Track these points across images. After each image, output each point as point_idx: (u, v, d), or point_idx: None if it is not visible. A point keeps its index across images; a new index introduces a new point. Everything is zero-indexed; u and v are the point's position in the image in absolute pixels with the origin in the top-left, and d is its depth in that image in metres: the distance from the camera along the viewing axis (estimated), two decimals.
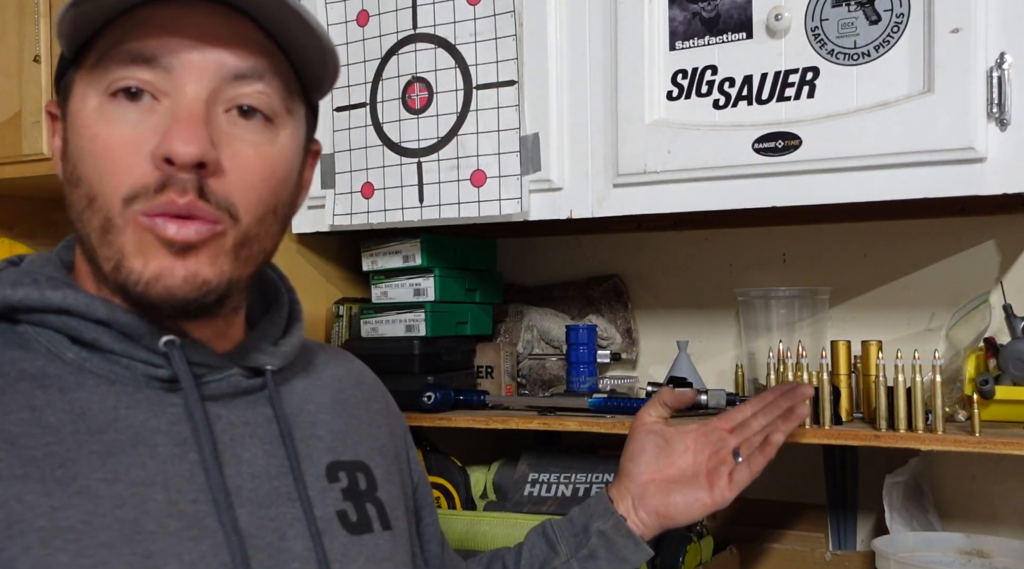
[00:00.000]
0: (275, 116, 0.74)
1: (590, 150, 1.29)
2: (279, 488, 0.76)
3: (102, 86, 0.70)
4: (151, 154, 0.69)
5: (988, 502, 1.40)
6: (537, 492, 1.46)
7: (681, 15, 1.23)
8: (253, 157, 0.73)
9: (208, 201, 0.70)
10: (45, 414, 0.69)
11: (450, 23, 1.35)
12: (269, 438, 0.78)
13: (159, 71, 0.69)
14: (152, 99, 0.70)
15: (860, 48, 1.13)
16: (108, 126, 0.70)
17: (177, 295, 0.70)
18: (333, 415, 0.86)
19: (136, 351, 0.72)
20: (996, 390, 1.17)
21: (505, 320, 1.68)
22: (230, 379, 0.77)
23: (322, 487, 0.80)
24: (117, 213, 0.69)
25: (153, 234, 0.69)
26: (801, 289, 1.44)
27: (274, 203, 0.75)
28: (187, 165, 0.68)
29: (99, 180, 0.70)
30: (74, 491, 0.66)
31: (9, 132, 1.71)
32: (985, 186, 1.07)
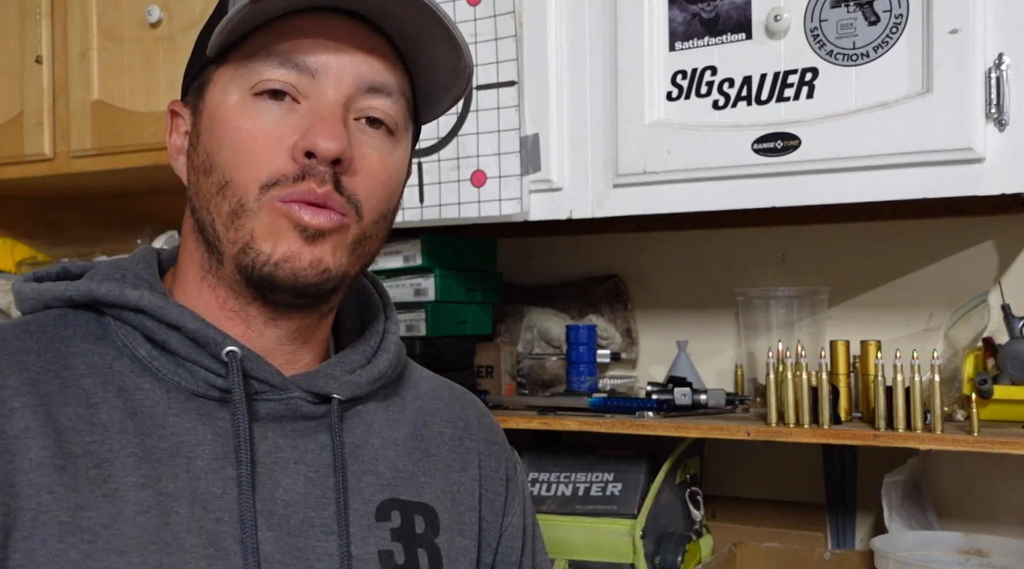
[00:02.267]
0: (396, 130, 0.79)
1: (590, 150, 1.29)
2: (314, 519, 0.75)
3: (247, 84, 0.74)
4: (292, 147, 0.73)
5: (986, 501, 1.40)
6: (537, 492, 1.47)
7: (681, 16, 1.23)
8: (377, 162, 0.77)
9: (343, 193, 0.74)
10: (99, 411, 0.71)
11: None
12: (317, 467, 0.77)
13: (304, 74, 0.74)
14: (292, 101, 0.74)
15: (859, 49, 1.13)
16: (250, 120, 0.74)
17: (300, 278, 0.73)
18: (402, 452, 0.84)
19: (201, 357, 0.74)
20: (994, 390, 1.18)
21: (505, 320, 1.68)
22: (289, 401, 0.77)
23: (367, 524, 0.78)
24: (252, 198, 0.73)
25: (288, 219, 0.73)
26: (800, 289, 1.44)
27: (388, 208, 0.80)
28: (328, 159, 0.73)
29: (235, 168, 0.74)
30: (102, 493, 0.68)
31: (11, 132, 1.71)
32: (983, 186, 1.08)
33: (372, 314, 0.88)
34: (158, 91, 1.59)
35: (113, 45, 1.63)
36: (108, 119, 1.61)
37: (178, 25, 1.57)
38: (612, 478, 1.44)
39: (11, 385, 0.70)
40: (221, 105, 0.75)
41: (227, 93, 0.75)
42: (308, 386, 0.77)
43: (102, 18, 1.64)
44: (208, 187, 0.75)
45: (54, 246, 2.03)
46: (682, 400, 1.35)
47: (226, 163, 0.74)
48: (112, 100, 1.62)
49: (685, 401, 1.35)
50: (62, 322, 0.76)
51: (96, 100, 1.63)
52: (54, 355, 0.73)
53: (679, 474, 1.46)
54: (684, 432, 1.28)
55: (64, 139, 1.67)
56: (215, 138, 0.75)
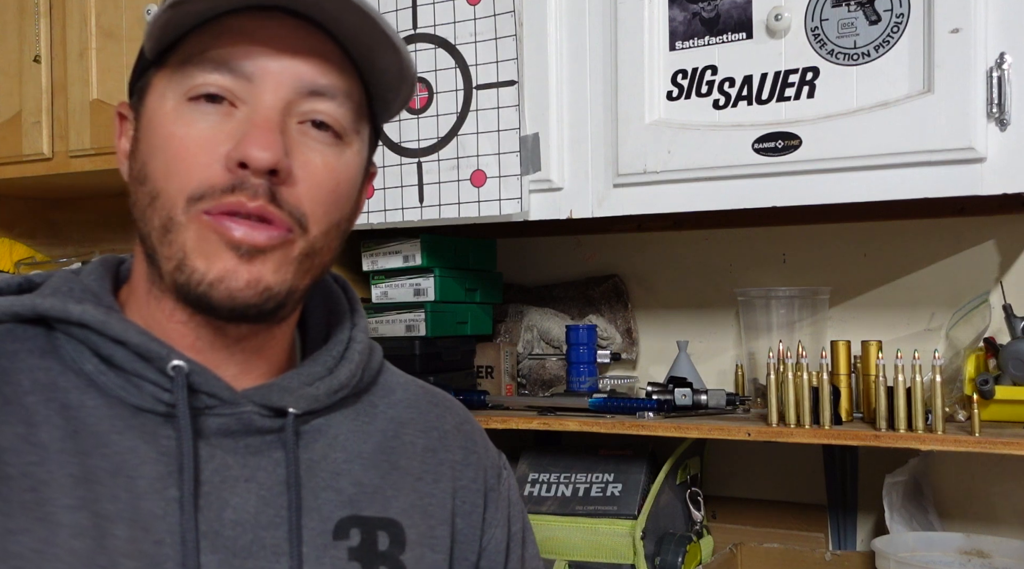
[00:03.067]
0: (344, 134, 0.75)
1: (590, 150, 1.29)
2: (264, 539, 0.72)
3: (182, 89, 0.71)
4: (224, 157, 0.69)
5: (988, 502, 1.40)
6: (537, 492, 1.47)
7: (681, 15, 1.23)
8: (321, 168, 0.73)
9: (280, 208, 0.70)
10: (39, 431, 0.68)
11: (450, 23, 1.35)
12: (270, 485, 0.73)
13: (240, 78, 0.70)
14: (229, 105, 0.71)
15: (860, 48, 1.13)
16: (183, 126, 0.70)
17: (238, 299, 0.70)
18: (367, 466, 0.80)
19: (147, 372, 0.71)
20: (996, 390, 1.17)
21: (505, 320, 1.68)
22: (240, 416, 0.73)
23: (323, 544, 0.74)
24: (180, 211, 0.69)
25: (217, 234, 0.69)
26: (801, 289, 1.44)
27: (339, 217, 0.76)
28: (261, 170, 0.69)
29: (165, 178, 0.70)
30: (36, 517, 0.65)
31: (9, 132, 1.71)
32: (985, 186, 1.07)
33: (337, 320, 0.84)
34: None
35: (112, 44, 1.62)
36: (107, 118, 1.61)
37: None
38: (612, 479, 1.44)
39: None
40: (157, 111, 0.72)
41: (163, 98, 0.72)
42: (261, 399, 0.74)
43: (101, 17, 1.64)
44: (142, 198, 0.72)
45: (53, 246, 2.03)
46: (682, 400, 1.34)
47: (158, 173, 0.71)
48: (111, 99, 1.61)
49: (685, 401, 1.34)
50: (9, 336, 0.73)
51: (95, 99, 1.63)
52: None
53: (679, 475, 1.46)
54: (684, 432, 1.28)
55: (63, 139, 1.67)
56: (150, 146, 0.72)
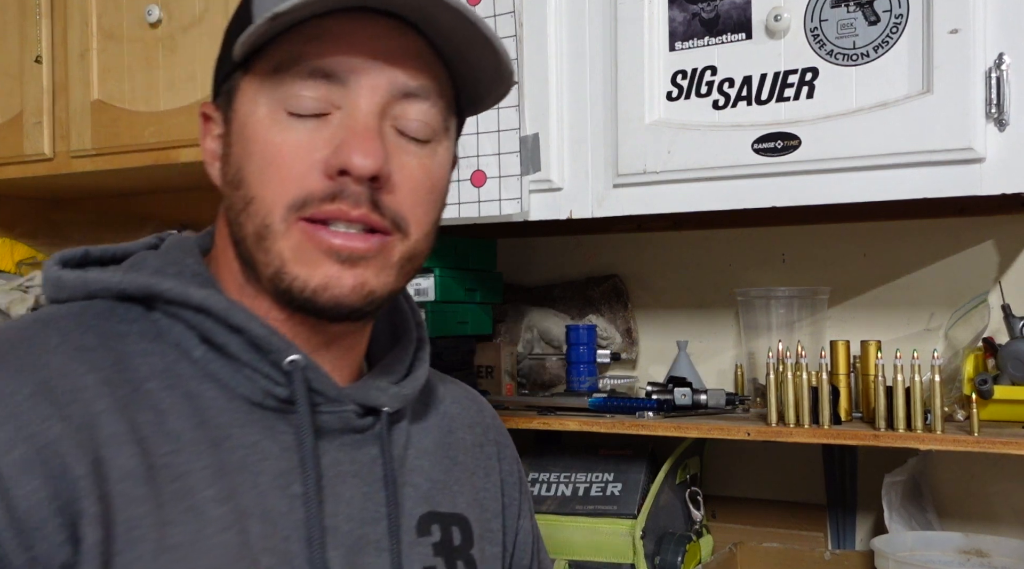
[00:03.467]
0: (435, 134, 0.75)
1: (590, 150, 1.29)
2: (369, 535, 0.73)
3: (276, 97, 0.70)
4: (324, 163, 0.69)
5: (987, 501, 1.40)
6: (537, 492, 1.47)
7: (681, 16, 1.23)
8: (418, 170, 0.73)
9: (383, 215, 0.71)
10: (168, 418, 0.67)
11: None
12: (371, 480, 0.75)
13: (334, 84, 0.70)
14: (324, 112, 0.71)
15: (859, 49, 1.13)
16: (280, 133, 0.70)
17: (344, 304, 0.70)
18: (434, 461, 0.83)
19: (261, 364, 0.71)
20: (995, 390, 1.17)
21: (505, 320, 1.68)
22: (343, 414, 0.74)
23: (411, 541, 0.77)
24: (279, 219, 0.69)
25: (314, 243, 0.69)
26: (800, 289, 1.44)
27: (436, 217, 0.76)
28: (364, 177, 0.69)
29: (262, 185, 0.70)
30: (185, 507, 0.65)
31: (10, 132, 1.71)
32: (984, 186, 1.08)
33: (402, 323, 0.85)
34: (158, 91, 1.59)
35: (113, 45, 1.63)
36: (108, 119, 1.61)
37: (177, 25, 1.57)
38: (612, 478, 1.44)
39: (90, 385, 0.65)
40: (250, 116, 0.72)
41: (256, 104, 0.71)
42: (360, 398, 0.75)
43: (102, 18, 1.64)
44: (236, 201, 0.72)
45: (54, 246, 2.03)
46: (682, 400, 1.34)
47: (253, 178, 0.71)
48: (112, 100, 1.61)
49: (685, 401, 1.34)
50: (113, 316, 0.71)
51: (96, 100, 1.63)
52: (116, 355, 0.69)
53: (679, 474, 1.46)
54: (684, 432, 1.28)
55: (64, 139, 1.67)
56: (245, 151, 0.72)
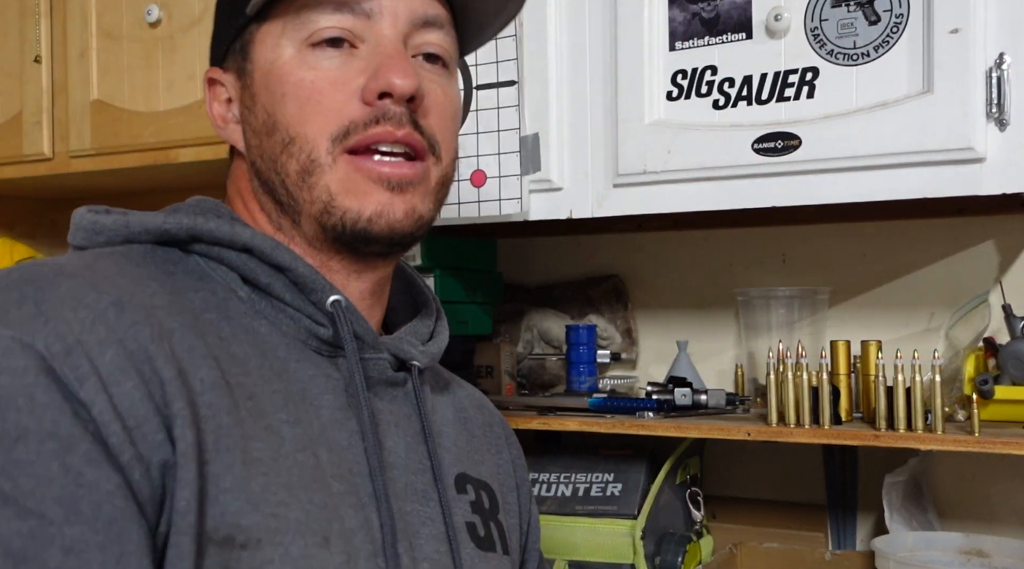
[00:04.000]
0: (450, 63, 0.78)
1: (590, 150, 1.29)
2: (415, 484, 0.75)
3: (302, 35, 0.72)
4: (363, 90, 0.71)
5: (987, 502, 1.40)
6: (537, 492, 1.47)
7: (681, 15, 1.23)
8: (443, 97, 0.76)
9: (423, 134, 0.73)
10: (232, 345, 0.68)
11: None
12: (412, 432, 0.77)
13: (359, 17, 0.72)
14: (350, 46, 0.72)
15: (860, 48, 1.13)
16: (311, 70, 0.71)
17: (397, 229, 0.72)
18: (457, 430, 0.85)
19: (304, 305, 0.72)
20: (995, 390, 1.17)
21: (505, 320, 1.68)
22: (379, 363, 0.75)
23: (451, 496, 0.78)
24: (324, 152, 0.71)
25: (363, 173, 0.71)
26: (801, 289, 1.44)
27: (456, 145, 0.79)
28: (405, 97, 0.71)
29: (301, 122, 0.71)
30: (263, 426, 0.65)
31: (10, 133, 1.71)
32: (984, 186, 1.07)
33: (420, 293, 0.87)
34: (157, 91, 1.58)
35: (112, 45, 1.62)
36: (107, 119, 1.61)
37: (177, 25, 1.57)
38: (612, 478, 1.44)
39: (160, 305, 0.64)
40: (276, 61, 0.73)
41: (279, 47, 0.73)
42: (394, 349, 0.76)
43: (101, 18, 1.64)
44: (272, 146, 0.73)
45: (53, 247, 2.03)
46: (682, 400, 1.34)
47: (291, 119, 0.72)
48: (111, 100, 1.61)
49: (685, 401, 1.34)
50: (155, 258, 0.70)
51: (95, 100, 1.63)
52: (171, 286, 0.68)
53: (679, 474, 1.46)
54: (684, 432, 1.28)
55: (63, 139, 1.67)
56: (275, 95, 0.72)
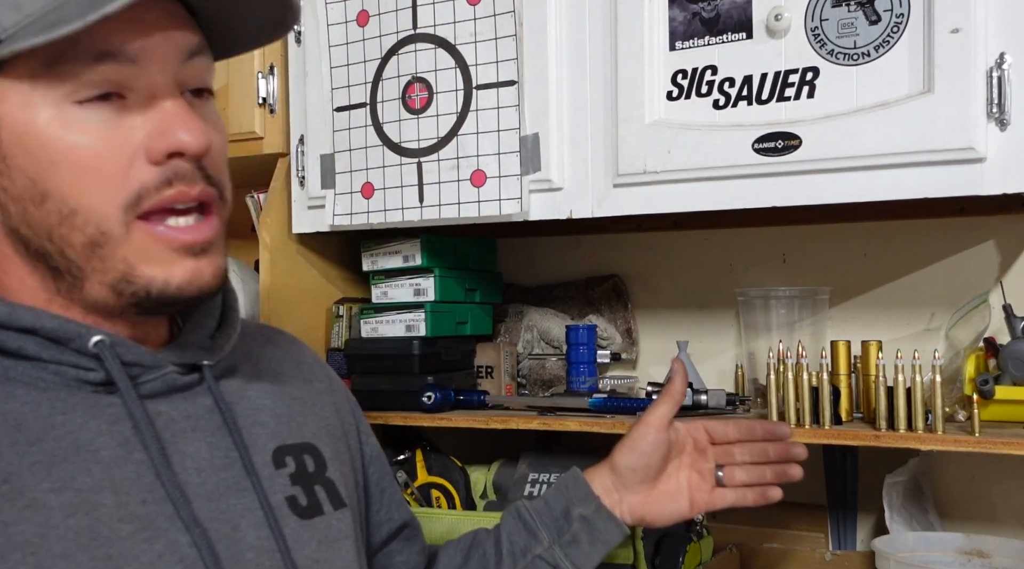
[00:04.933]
0: (211, 94, 0.74)
1: (590, 150, 1.29)
2: (226, 479, 0.75)
3: (60, 92, 0.65)
4: (148, 150, 0.67)
5: (988, 502, 1.40)
6: (537, 492, 1.46)
7: (681, 15, 1.23)
8: (217, 135, 0.73)
9: (213, 184, 0.71)
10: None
11: (450, 23, 1.35)
12: (212, 430, 0.77)
13: (124, 63, 0.66)
14: (118, 97, 0.67)
15: (860, 48, 1.13)
16: (81, 133, 0.66)
17: (207, 290, 0.72)
18: (274, 399, 0.85)
19: (65, 356, 0.69)
20: (996, 390, 1.17)
21: (505, 320, 1.68)
22: (165, 377, 0.74)
23: (269, 474, 0.80)
24: (116, 223, 0.67)
25: (164, 243, 0.69)
26: (801, 289, 1.44)
27: None
28: (198, 155, 0.68)
29: (82, 193, 0.66)
30: (23, 505, 0.64)
31: None
32: (985, 186, 1.07)
33: None
34: None
35: None
36: None
37: None
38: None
39: None
40: (33, 122, 0.66)
41: (32, 108, 0.65)
42: (179, 359, 0.76)
43: None
44: (44, 217, 0.67)
45: None
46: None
47: (67, 189, 0.66)
48: None
49: (685, 402, 1.34)
50: None
51: None
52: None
53: None
54: None
55: None
56: (40, 162, 0.66)
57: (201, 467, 0.74)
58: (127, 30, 0.66)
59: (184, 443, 0.74)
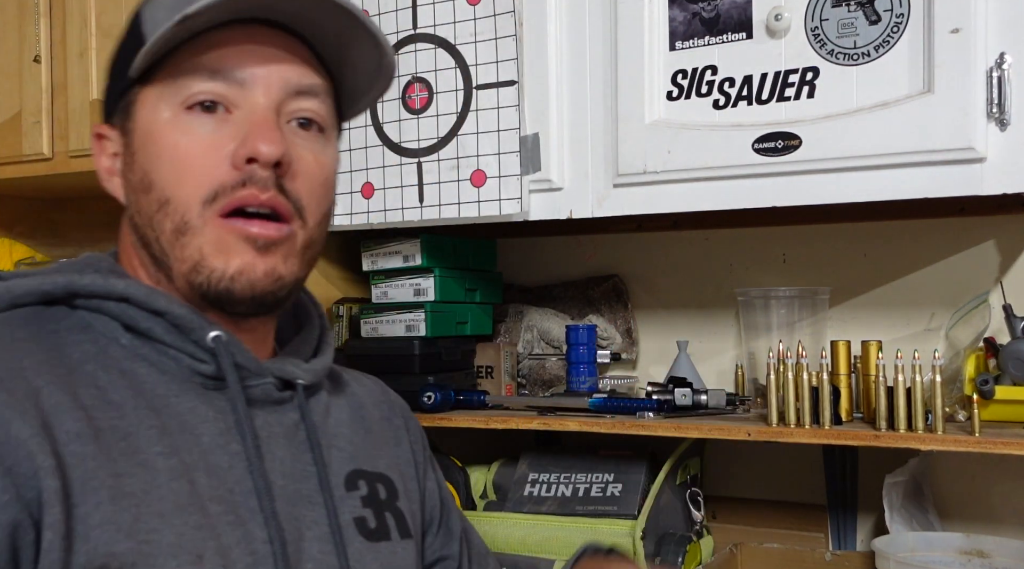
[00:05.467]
0: (326, 129, 0.82)
1: (590, 150, 1.29)
2: (302, 490, 0.80)
3: (178, 99, 0.76)
4: (231, 155, 0.75)
5: (988, 502, 1.40)
6: (537, 492, 1.46)
7: (681, 15, 1.23)
8: (313, 163, 0.80)
9: (288, 198, 0.77)
10: (108, 392, 0.73)
11: (450, 23, 1.35)
12: (296, 443, 0.82)
13: (232, 84, 0.76)
14: (225, 111, 0.76)
15: (860, 48, 1.13)
16: (185, 134, 0.76)
17: (258, 288, 0.76)
18: (352, 429, 0.90)
19: (185, 344, 0.76)
20: (996, 390, 1.17)
21: (505, 320, 1.68)
22: (264, 387, 0.80)
23: (341, 495, 0.84)
24: (196, 215, 0.75)
25: (234, 233, 0.75)
26: (801, 289, 1.44)
27: (327, 208, 0.83)
28: (270, 162, 0.75)
29: (175, 184, 0.75)
30: (135, 463, 0.70)
31: (9, 132, 1.71)
32: (985, 186, 1.07)
33: (304, 313, 0.92)
34: None
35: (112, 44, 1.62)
36: None
37: None
38: (612, 479, 1.44)
39: (29, 366, 0.70)
40: (154, 122, 0.77)
41: (157, 110, 0.77)
42: (278, 372, 0.81)
43: (101, 17, 1.64)
44: (148, 205, 0.77)
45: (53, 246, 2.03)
46: (682, 400, 1.34)
47: (165, 180, 0.76)
48: None
49: (685, 401, 1.34)
50: (40, 317, 0.76)
51: (95, 99, 1.63)
52: (49, 344, 0.74)
53: (679, 475, 1.46)
54: (684, 433, 1.28)
55: (63, 139, 1.67)
56: (152, 156, 0.76)
57: (284, 472, 0.79)
58: (242, 56, 0.76)
59: (275, 447, 0.80)
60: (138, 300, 0.76)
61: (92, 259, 0.82)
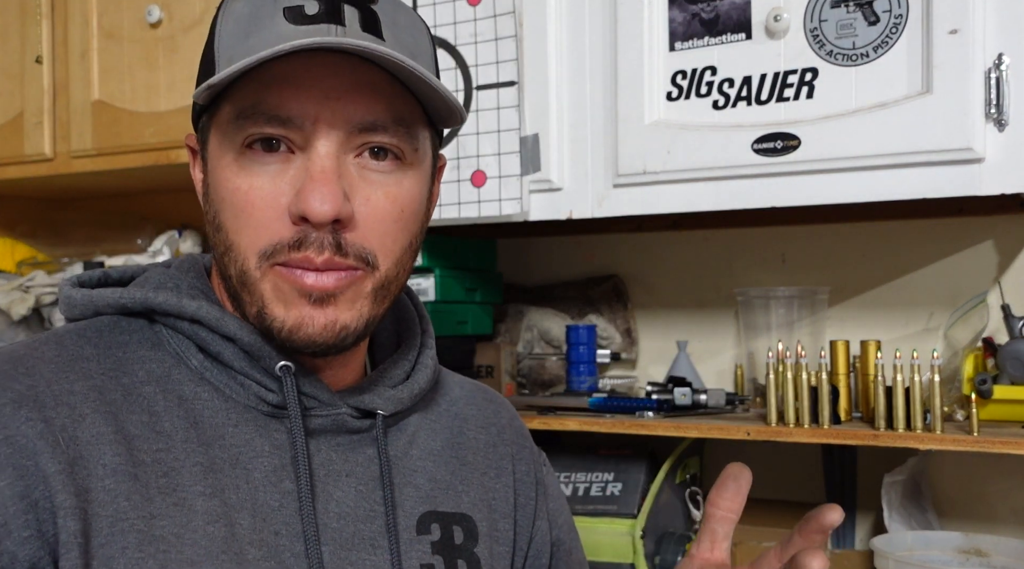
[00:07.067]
0: (403, 155, 0.75)
1: (590, 150, 1.29)
2: (364, 532, 0.76)
3: (238, 141, 0.72)
4: (287, 209, 0.71)
5: (986, 501, 1.40)
6: None
7: (681, 16, 1.23)
8: (384, 200, 0.74)
9: (346, 255, 0.72)
10: (162, 419, 0.71)
11: (450, 24, 1.35)
12: (366, 479, 0.78)
13: (293, 129, 0.71)
14: (287, 151, 0.72)
15: (859, 49, 1.13)
16: (247, 178, 0.72)
17: (318, 341, 0.72)
18: (439, 462, 0.84)
19: (253, 371, 0.74)
20: (994, 390, 1.18)
21: (505, 320, 1.68)
22: (336, 417, 0.77)
23: (409, 538, 0.79)
24: (253, 266, 0.72)
25: (290, 283, 0.71)
26: (800, 289, 1.44)
27: (408, 240, 0.76)
28: (324, 224, 0.70)
29: (236, 232, 0.72)
30: (172, 501, 0.68)
31: (11, 133, 1.71)
32: (983, 186, 1.08)
33: (407, 328, 0.87)
34: (158, 91, 1.59)
35: (113, 45, 1.63)
36: (108, 119, 1.62)
37: (178, 25, 1.57)
38: (612, 478, 1.44)
39: (79, 391, 0.69)
40: (219, 161, 0.74)
41: (222, 149, 0.74)
42: (355, 402, 0.78)
43: (102, 18, 1.64)
44: (218, 245, 0.75)
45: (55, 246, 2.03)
46: (682, 400, 1.35)
47: (229, 225, 0.73)
48: (112, 100, 1.62)
49: (685, 401, 1.35)
50: (116, 328, 0.76)
51: (96, 100, 1.63)
52: (113, 361, 0.73)
53: (679, 474, 1.46)
54: (684, 432, 1.28)
55: (64, 139, 1.67)
56: (219, 197, 0.74)
57: (343, 513, 0.75)
58: (300, 98, 0.71)
59: (334, 486, 0.76)
60: (209, 323, 0.74)
61: (178, 272, 0.80)
